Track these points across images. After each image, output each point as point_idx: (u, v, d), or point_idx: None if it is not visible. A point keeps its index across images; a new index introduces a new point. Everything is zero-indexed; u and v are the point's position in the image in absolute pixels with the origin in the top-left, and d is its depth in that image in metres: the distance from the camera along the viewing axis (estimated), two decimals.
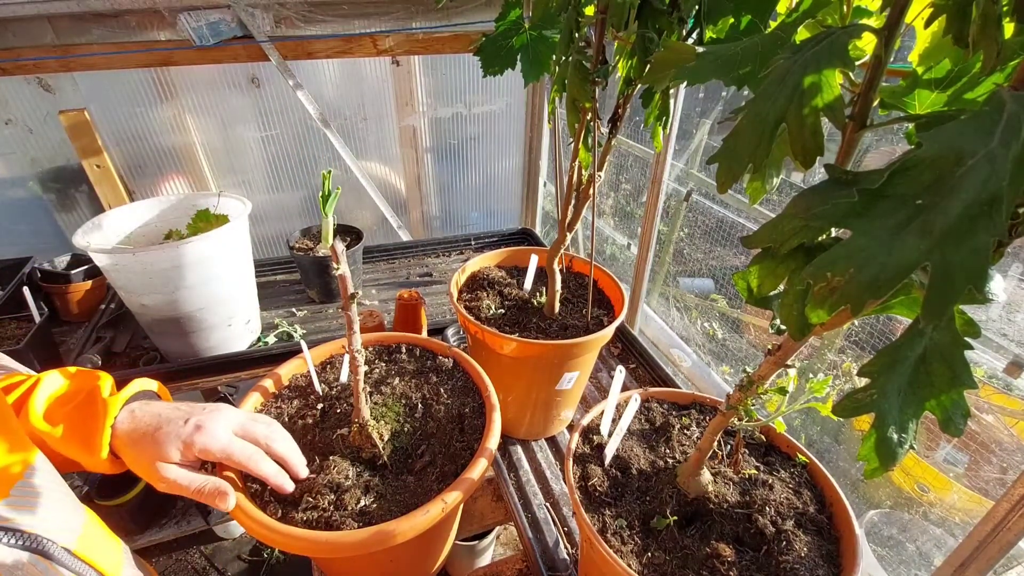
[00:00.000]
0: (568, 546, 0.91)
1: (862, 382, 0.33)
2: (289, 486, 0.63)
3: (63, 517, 0.51)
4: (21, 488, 0.48)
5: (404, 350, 0.89)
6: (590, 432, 0.73)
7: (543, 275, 1.08)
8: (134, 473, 0.61)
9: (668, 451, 0.71)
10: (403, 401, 0.78)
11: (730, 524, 0.61)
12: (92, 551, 0.53)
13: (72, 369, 0.65)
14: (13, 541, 0.44)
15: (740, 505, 0.62)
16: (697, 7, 0.49)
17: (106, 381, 0.63)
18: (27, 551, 0.45)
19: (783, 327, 0.38)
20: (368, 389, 0.79)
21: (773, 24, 0.41)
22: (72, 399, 0.61)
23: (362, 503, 0.64)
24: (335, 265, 0.57)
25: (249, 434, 0.63)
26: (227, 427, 0.61)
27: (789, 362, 0.50)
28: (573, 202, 0.88)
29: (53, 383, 0.62)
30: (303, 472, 0.65)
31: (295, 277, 1.71)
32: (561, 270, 0.98)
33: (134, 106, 1.62)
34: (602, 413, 0.73)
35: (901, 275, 0.23)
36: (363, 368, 0.67)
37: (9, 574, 0.43)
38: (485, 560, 1.85)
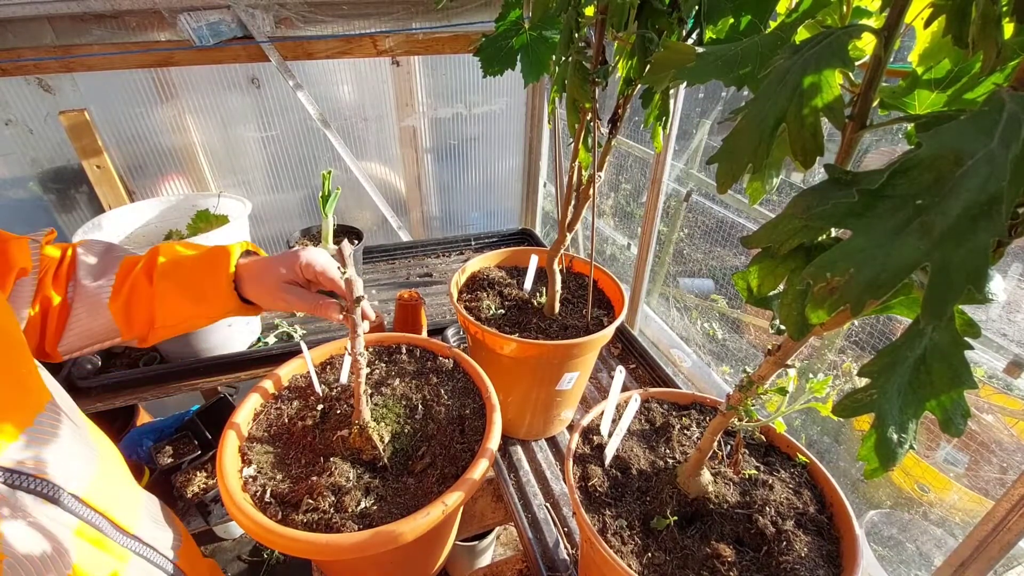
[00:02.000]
0: (568, 546, 0.91)
1: (862, 382, 0.33)
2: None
3: (75, 465, 0.52)
4: (32, 433, 0.48)
5: (404, 351, 0.89)
6: (590, 432, 0.73)
7: (543, 275, 1.08)
8: (257, 305, 0.76)
9: (668, 451, 0.71)
10: (403, 402, 0.78)
11: (730, 524, 0.61)
12: (104, 500, 0.54)
13: (181, 240, 0.79)
14: (20, 482, 0.45)
15: (740, 505, 0.62)
16: (697, 7, 0.49)
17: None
18: (32, 494, 0.46)
19: (783, 327, 0.38)
20: (368, 390, 0.79)
21: (773, 24, 0.41)
22: (193, 257, 0.75)
23: (362, 505, 0.64)
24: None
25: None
26: (325, 254, 0.77)
27: (789, 362, 0.50)
28: (573, 202, 0.88)
29: (171, 249, 0.75)
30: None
31: None
32: (561, 270, 0.98)
33: (134, 106, 1.62)
34: (602, 413, 0.73)
35: (901, 275, 0.23)
36: (364, 370, 0.68)
37: (15, 516, 0.44)
38: (485, 561, 1.85)
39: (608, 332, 0.91)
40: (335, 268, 0.74)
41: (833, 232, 0.35)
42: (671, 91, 0.67)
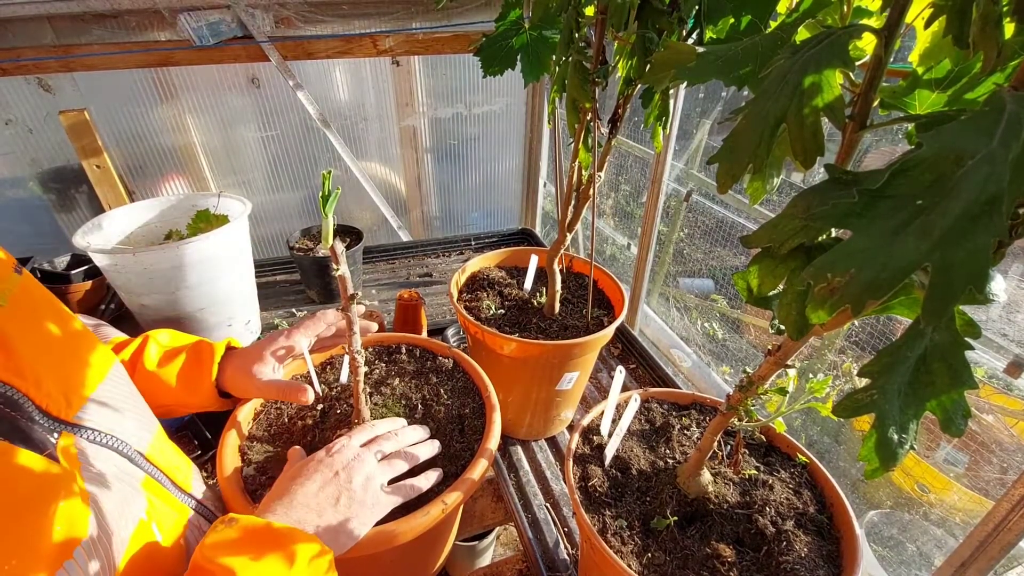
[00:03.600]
0: (568, 546, 0.91)
1: (862, 382, 0.33)
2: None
3: (136, 425, 0.57)
4: (100, 394, 0.53)
5: (404, 350, 0.89)
6: (590, 432, 0.73)
7: (543, 275, 1.08)
8: (237, 397, 0.76)
9: (668, 451, 0.71)
10: (403, 402, 0.78)
11: (730, 524, 0.61)
12: (162, 459, 0.58)
13: (170, 331, 0.80)
14: (94, 437, 0.49)
15: (740, 505, 0.62)
16: (697, 7, 0.49)
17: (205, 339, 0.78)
18: (105, 448, 0.50)
19: (783, 327, 0.38)
20: (368, 390, 0.79)
21: (773, 24, 0.41)
22: (181, 350, 0.76)
23: None
24: (335, 266, 0.57)
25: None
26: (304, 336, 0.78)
27: (789, 362, 0.50)
28: (573, 202, 0.88)
29: (163, 338, 0.77)
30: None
31: (295, 277, 1.71)
32: (561, 270, 0.98)
33: (134, 106, 1.62)
34: (602, 413, 0.73)
35: (901, 276, 0.23)
36: (363, 369, 0.67)
37: (89, 467, 0.47)
38: (485, 561, 1.85)
39: (608, 332, 0.91)
40: (302, 342, 0.77)
41: (833, 232, 0.35)
42: (671, 91, 0.67)
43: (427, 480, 0.65)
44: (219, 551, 0.46)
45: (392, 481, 0.64)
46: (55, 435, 0.45)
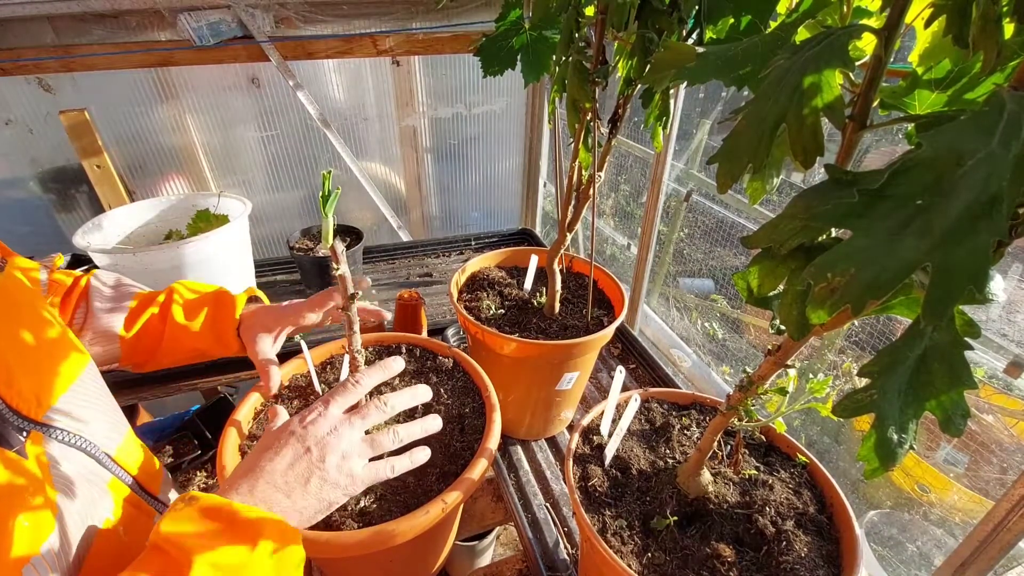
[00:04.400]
0: (568, 546, 0.91)
1: (862, 382, 0.33)
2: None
3: (106, 427, 0.57)
4: (71, 395, 0.53)
5: (404, 350, 0.89)
6: (590, 432, 0.73)
7: (543, 275, 1.08)
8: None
9: (668, 451, 0.71)
10: None
11: (730, 524, 0.61)
12: (130, 461, 0.59)
13: (190, 282, 0.86)
14: (63, 437, 0.50)
15: (740, 505, 0.62)
16: (697, 7, 0.49)
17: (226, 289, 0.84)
18: (73, 448, 0.50)
19: (783, 327, 0.38)
20: None
21: (773, 24, 0.41)
22: (205, 301, 0.82)
23: (362, 503, 0.64)
24: (335, 265, 0.57)
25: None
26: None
27: (789, 362, 0.50)
28: (573, 202, 0.88)
29: (185, 290, 0.83)
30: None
31: (295, 277, 1.71)
32: (561, 270, 0.98)
33: (134, 106, 1.62)
34: (602, 413, 0.73)
35: (901, 275, 0.23)
36: (363, 368, 0.67)
37: (56, 467, 0.47)
38: (485, 560, 1.85)
39: (608, 332, 0.91)
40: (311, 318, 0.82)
41: (833, 232, 0.35)
42: (671, 91, 0.67)
43: (411, 460, 0.60)
44: (176, 531, 0.44)
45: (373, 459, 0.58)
46: (24, 434, 0.45)
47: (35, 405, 0.48)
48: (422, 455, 0.61)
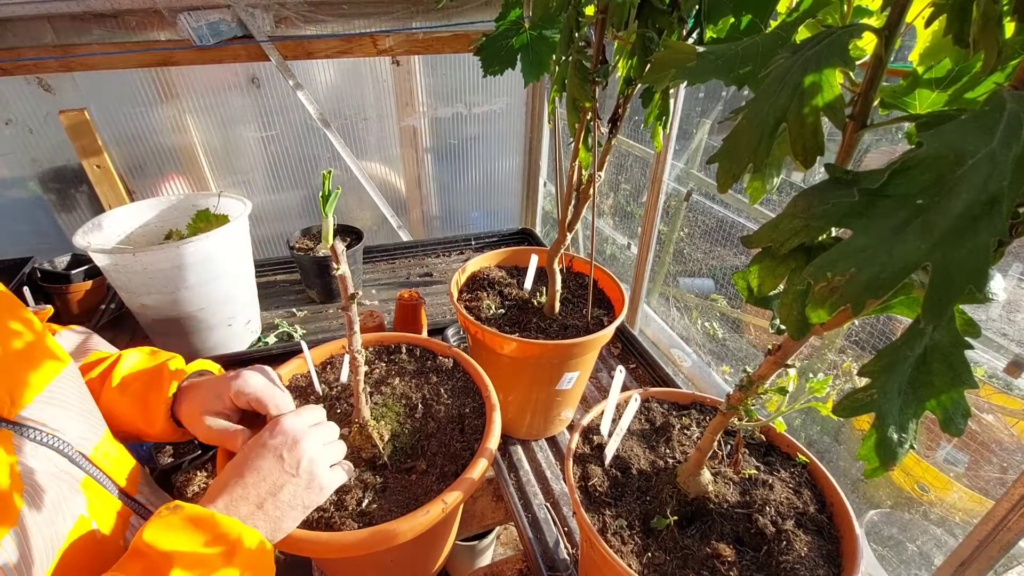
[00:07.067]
0: (568, 546, 0.91)
1: (862, 382, 0.33)
2: None
3: (83, 427, 0.57)
4: (47, 395, 0.53)
5: (404, 350, 0.89)
6: (590, 432, 0.73)
7: (543, 275, 1.08)
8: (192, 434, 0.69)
9: (668, 451, 0.71)
10: (403, 401, 0.78)
11: (730, 524, 0.61)
12: (107, 462, 0.59)
13: (148, 349, 0.75)
14: (35, 436, 0.50)
15: (740, 505, 0.62)
16: (697, 7, 0.49)
17: (177, 360, 0.73)
18: (45, 447, 0.51)
19: (783, 327, 0.38)
20: (368, 389, 0.79)
21: (773, 24, 0.41)
22: (143, 374, 0.71)
23: (362, 503, 0.64)
24: (335, 265, 0.57)
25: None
26: (259, 376, 0.69)
27: (789, 362, 0.50)
28: (573, 202, 0.88)
29: (132, 358, 0.72)
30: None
31: (295, 277, 1.71)
32: (561, 270, 0.98)
33: (134, 106, 1.62)
34: (602, 413, 0.73)
35: (901, 275, 0.23)
36: (363, 368, 0.67)
37: (25, 464, 0.47)
38: (485, 560, 1.85)
39: (608, 332, 0.91)
40: (268, 392, 0.67)
41: (834, 232, 0.35)
42: (671, 91, 0.67)
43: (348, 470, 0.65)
44: (159, 537, 0.46)
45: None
46: None
47: (8, 404, 0.49)
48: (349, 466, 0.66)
